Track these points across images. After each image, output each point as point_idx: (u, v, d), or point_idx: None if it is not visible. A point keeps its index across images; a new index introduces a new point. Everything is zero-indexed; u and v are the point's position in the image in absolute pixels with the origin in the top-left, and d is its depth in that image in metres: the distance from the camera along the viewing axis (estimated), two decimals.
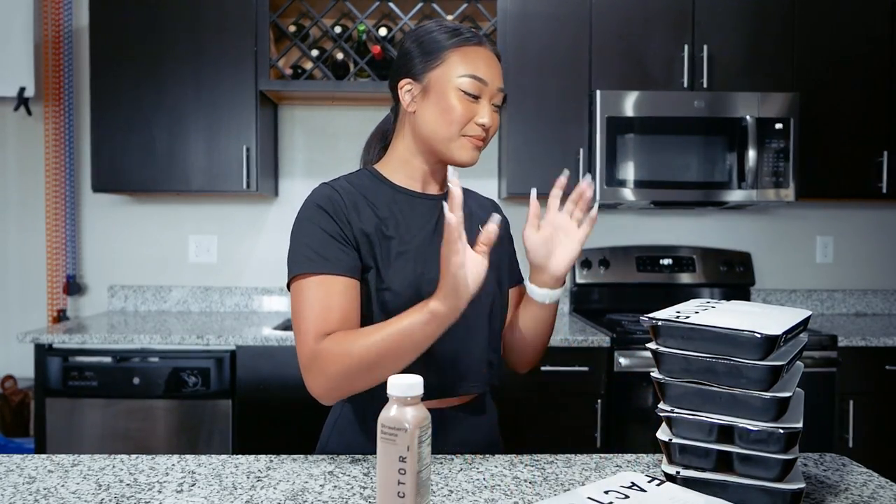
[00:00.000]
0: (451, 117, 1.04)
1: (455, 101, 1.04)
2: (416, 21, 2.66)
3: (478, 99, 1.05)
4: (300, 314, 1.00)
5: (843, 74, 2.61)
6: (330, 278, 1.01)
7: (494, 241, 0.91)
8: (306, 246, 1.03)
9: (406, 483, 0.75)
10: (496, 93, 1.07)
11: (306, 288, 1.01)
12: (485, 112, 1.05)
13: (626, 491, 0.79)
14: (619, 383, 2.25)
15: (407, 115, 1.10)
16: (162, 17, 2.51)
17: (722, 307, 0.90)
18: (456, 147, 1.06)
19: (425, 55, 1.06)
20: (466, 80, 1.04)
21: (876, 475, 0.96)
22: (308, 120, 2.91)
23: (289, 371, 2.23)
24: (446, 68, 1.04)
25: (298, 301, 1.01)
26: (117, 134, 2.52)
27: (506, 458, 1.04)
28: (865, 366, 2.34)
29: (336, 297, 1.00)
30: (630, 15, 2.56)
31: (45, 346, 2.24)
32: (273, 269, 2.90)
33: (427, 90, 1.06)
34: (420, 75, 1.06)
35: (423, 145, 1.09)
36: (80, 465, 0.99)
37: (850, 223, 3.00)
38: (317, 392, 0.99)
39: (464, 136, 1.06)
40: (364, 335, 0.95)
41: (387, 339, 0.93)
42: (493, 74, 1.06)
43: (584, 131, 2.56)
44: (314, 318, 0.99)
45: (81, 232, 2.90)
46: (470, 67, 1.04)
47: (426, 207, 1.12)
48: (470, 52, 1.05)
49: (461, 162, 1.08)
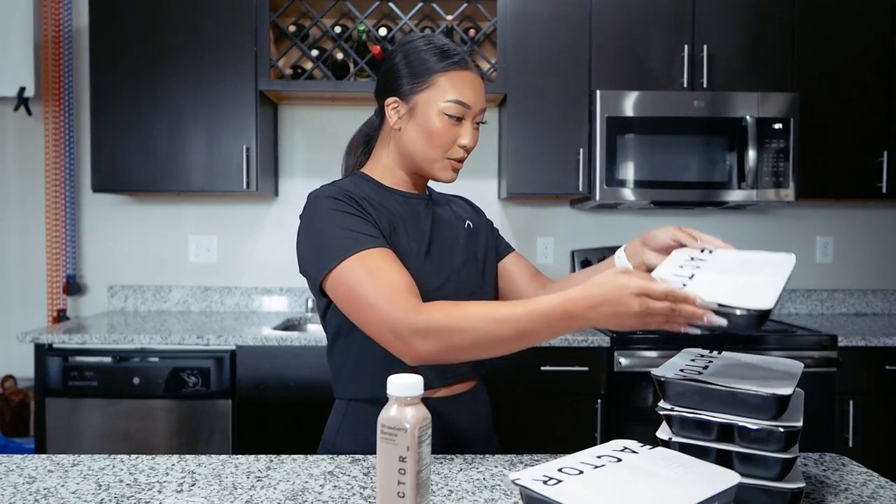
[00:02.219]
0: (436, 141, 1.08)
1: (440, 124, 1.08)
2: (416, 21, 2.66)
3: (461, 121, 1.09)
4: (368, 292, 0.96)
5: (843, 74, 2.61)
6: (376, 251, 0.99)
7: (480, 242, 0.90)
8: (340, 230, 1.01)
9: (406, 483, 0.75)
10: (478, 113, 1.11)
11: (358, 267, 0.97)
12: (467, 133, 1.09)
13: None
14: (619, 383, 2.25)
15: (393, 130, 1.13)
16: (162, 17, 2.51)
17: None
18: (438, 168, 1.11)
19: (413, 76, 1.09)
20: (452, 105, 1.07)
21: (876, 475, 0.96)
22: (308, 120, 2.91)
23: (289, 371, 2.23)
24: (433, 92, 1.08)
25: (357, 284, 0.97)
26: (117, 134, 2.52)
27: (506, 458, 1.04)
28: (865, 366, 2.34)
29: (393, 266, 0.98)
30: (630, 15, 2.56)
31: (45, 346, 2.24)
32: (273, 269, 2.90)
33: (413, 111, 1.09)
34: (407, 96, 1.10)
35: (407, 161, 1.13)
36: (80, 465, 0.99)
37: (850, 223, 3.00)
38: (418, 356, 0.94)
39: (447, 158, 1.10)
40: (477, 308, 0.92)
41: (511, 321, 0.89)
42: (476, 97, 1.10)
43: (583, 131, 2.56)
44: (389, 289, 0.95)
45: (81, 232, 2.90)
46: (456, 92, 1.08)
47: (421, 207, 1.16)
48: (456, 76, 1.08)
49: (442, 181, 1.13)
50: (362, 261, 0.98)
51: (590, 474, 0.75)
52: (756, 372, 0.88)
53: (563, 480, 0.73)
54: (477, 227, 1.24)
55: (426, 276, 1.07)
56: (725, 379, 0.84)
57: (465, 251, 1.17)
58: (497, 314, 0.90)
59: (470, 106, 1.08)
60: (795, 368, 0.90)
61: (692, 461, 0.79)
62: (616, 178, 2.48)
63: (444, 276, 1.10)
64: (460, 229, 1.20)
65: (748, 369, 0.89)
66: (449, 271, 1.11)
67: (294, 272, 3.11)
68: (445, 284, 1.09)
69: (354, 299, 0.98)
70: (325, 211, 1.04)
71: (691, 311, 0.81)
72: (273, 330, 2.38)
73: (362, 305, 0.97)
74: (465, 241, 1.18)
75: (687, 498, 0.68)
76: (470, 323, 0.91)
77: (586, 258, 2.84)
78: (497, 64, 2.56)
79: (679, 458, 0.80)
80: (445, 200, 1.26)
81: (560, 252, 2.94)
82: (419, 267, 1.07)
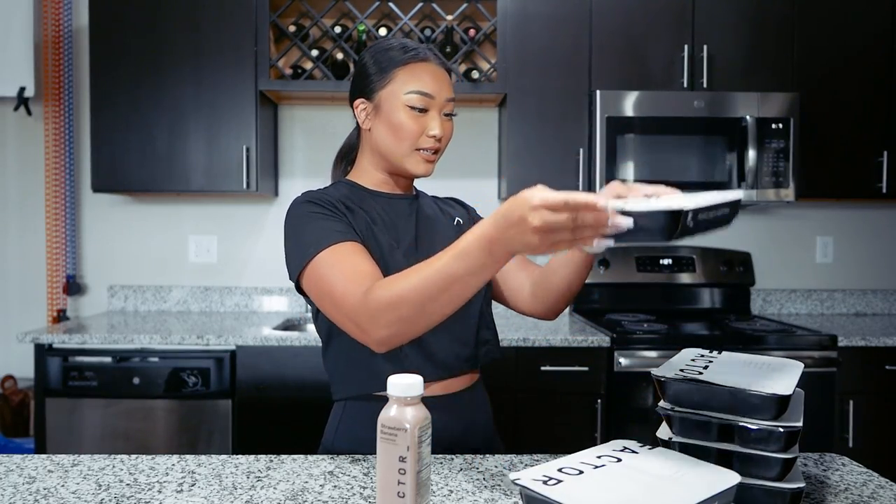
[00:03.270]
0: (402, 134, 1.09)
1: (404, 117, 1.08)
2: (416, 21, 2.66)
3: (426, 112, 1.10)
4: (331, 281, 0.97)
5: (843, 74, 2.61)
6: (347, 244, 1.01)
7: None
8: (311, 230, 1.03)
9: (406, 483, 0.75)
10: (445, 103, 1.11)
11: (325, 260, 0.99)
12: (434, 124, 1.10)
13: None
14: (619, 383, 2.25)
15: (364, 132, 1.16)
16: (162, 17, 2.51)
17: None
18: (410, 161, 1.11)
19: (376, 74, 1.11)
20: (413, 97, 1.08)
21: (876, 475, 0.96)
22: (308, 120, 2.91)
23: (289, 371, 2.23)
24: (394, 86, 1.09)
25: (323, 274, 0.99)
26: (117, 134, 2.52)
27: (506, 458, 1.04)
28: (865, 366, 2.34)
29: (360, 256, 1.00)
30: (630, 15, 2.56)
31: (45, 346, 2.24)
32: (273, 269, 2.90)
33: (378, 108, 1.11)
34: (371, 94, 1.12)
35: (382, 160, 1.14)
36: (80, 465, 0.99)
37: (850, 223, 3.00)
38: (377, 340, 0.93)
39: (417, 151, 1.10)
40: (413, 272, 0.90)
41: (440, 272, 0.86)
42: (439, 87, 1.10)
43: (584, 131, 2.56)
44: (350, 275, 0.96)
45: (81, 232, 2.90)
46: (416, 84, 1.09)
47: (404, 205, 1.17)
48: (416, 68, 1.09)
49: (416, 175, 1.13)
50: (331, 253, 0.99)
51: (590, 474, 0.75)
52: (756, 371, 0.88)
53: (563, 481, 0.73)
54: (468, 224, 1.25)
55: None
56: (726, 378, 0.84)
57: None
58: (427, 270, 0.88)
59: (433, 95, 1.09)
60: (796, 368, 0.90)
61: (692, 461, 0.79)
62: (616, 178, 2.47)
63: None
64: (449, 227, 1.20)
65: (748, 368, 0.89)
66: None
67: None
68: None
69: (322, 293, 0.99)
70: (299, 214, 1.06)
71: (594, 218, 0.74)
72: (273, 330, 2.38)
73: (329, 296, 0.98)
74: (455, 237, 1.18)
75: (687, 498, 0.68)
76: (408, 288, 0.88)
77: None
78: (497, 64, 2.56)
79: (679, 458, 0.80)
80: (432, 200, 1.27)
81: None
82: (401, 262, 1.07)
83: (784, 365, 0.92)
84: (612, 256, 2.84)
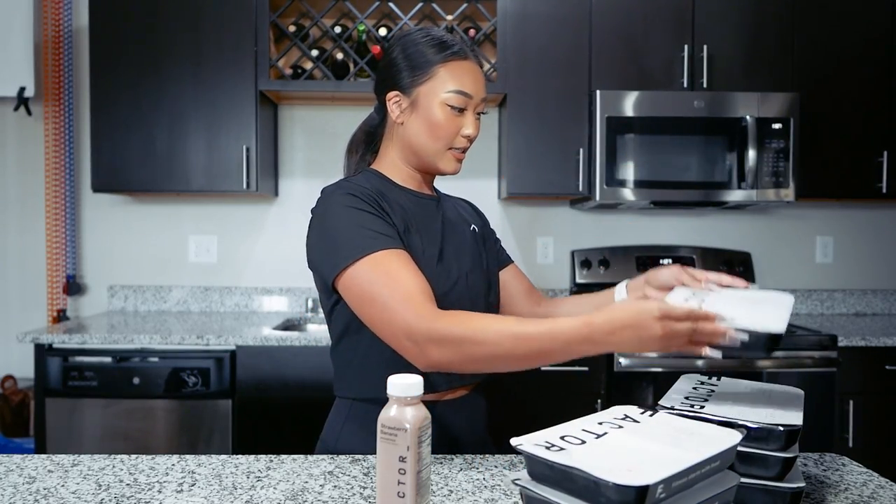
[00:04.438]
0: (439, 132, 1.08)
1: (442, 115, 1.08)
2: (416, 21, 2.66)
3: (463, 111, 1.09)
4: (383, 293, 0.95)
5: (843, 74, 2.61)
6: (392, 252, 0.99)
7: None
8: (355, 227, 1.00)
9: (406, 483, 0.74)
10: (480, 103, 1.11)
11: (373, 268, 0.96)
12: (469, 123, 1.10)
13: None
14: (619, 383, 2.25)
15: (395, 125, 1.13)
16: (162, 17, 2.51)
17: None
18: (442, 160, 1.11)
19: (413, 69, 1.09)
20: (453, 96, 1.08)
21: (876, 475, 0.96)
22: (308, 120, 2.91)
23: (289, 371, 2.23)
24: (434, 83, 1.08)
25: (371, 283, 0.96)
26: (117, 134, 2.52)
27: (506, 458, 1.04)
28: (865, 366, 2.34)
29: (409, 269, 0.98)
30: (630, 15, 2.56)
31: (45, 346, 2.24)
32: (273, 269, 2.90)
33: (415, 104, 1.09)
34: (408, 89, 1.10)
35: (412, 155, 1.13)
36: (80, 465, 0.99)
37: (850, 223, 3.00)
38: (430, 363, 0.94)
39: (450, 150, 1.10)
40: (501, 321, 0.91)
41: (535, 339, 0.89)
42: (477, 87, 1.10)
43: (584, 131, 2.56)
44: (405, 291, 0.94)
45: (81, 232, 2.90)
46: (457, 83, 1.08)
47: (431, 208, 1.16)
48: (457, 66, 1.08)
49: (446, 172, 1.13)
50: (378, 262, 0.97)
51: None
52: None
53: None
54: (482, 232, 1.25)
55: (437, 279, 1.06)
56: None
57: (473, 255, 1.16)
58: (517, 331, 0.90)
59: (471, 95, 1.08)
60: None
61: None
62: (616, 178, 2.48)
63: (453, 279, 1.09)
64: (467, 233, 1.19)
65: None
66: (457, 275, 1.10)
67: (294, 272, 3.12)
68: (455, 288, 1.09)
69: (368, 301, 0.97)
70: (340, 208, 1.03)
71: (712, 329, 0.82)
72: (273, 330, 2.38)
73: (376, 308, 0.96)
74: (472, 245, 1.18)
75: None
76: (487, 336, 0.90)
77: (586, 258, 2.84)
78: (497, 64, 2.56)
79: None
80: (452, 202, 1.25)
81: (560, 252, 2.94)
82: (431, 270, 1.06)
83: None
84: (612, 256, 2.84)
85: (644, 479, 0.63)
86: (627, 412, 0.84)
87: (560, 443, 0.73)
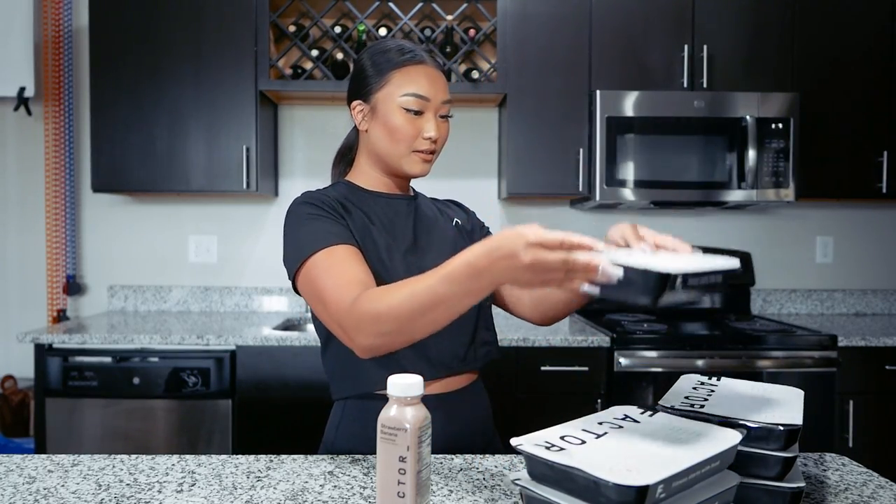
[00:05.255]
0: (398, 136, 1.10)
1: (400, 119, 1.09)
2: (416, 21, 2.66)
3: (422, 114, 1.10)
4: (323, 284, 0.98)
5: (843, 74, 2.61)
6: (340, 247, 1.02)
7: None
8: (306, 232, 1.04)
9: (406, 483, 0.75)
10: (440, 105, 1.12)
11: (320, 262, 1.00)
12: (430, 126, 1.11)
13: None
14: (619, 383, 2.25)
15: (361, 133, 1.17)
16: (162, 17, 2.51)
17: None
18: (406, 162, 1.12)
19: (373, 76, 1.12)
20: (409, 99, 1.09)
21: (876, 475, 0.96)
22: (308, 120, 2.91)
23: (289, 371, 2.23)
24: (390, 88, 1.10)
25: (316, 277, 1.00)
26: (117, 134, 2.52)
27: (506, 457, 1.04)
28: (865, 366, 2.34)
29: (351, 261, 1.01)
30: (630, 15, 2.56)
31: (45, 346, 2.24)
32: (273, 269, 2.90)
33: (374, 110, 1.12)
34: (368, 96, 1.13)
35: (378, 161, 1.16)
36: (80, 465, 0.99)
37: (850, 223, 3.00)
38: (360, 347, 0.94)
39: (414, 152, 1.12)
40: (401, 287, 0.90)
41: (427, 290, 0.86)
42: (435, 89, 1.11)
43: (584, 131, 2.56)
44: (341, 280, 0.97)
45: (81, 232, 2.90)
46: (412, 86, 1.09)
47: (402, 205, 1.18)
48: (412, 70, 1.10)
49: (413, 175, 1.14)
50: (322, 258, 1.00)
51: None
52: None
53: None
54: (468, 227, 1.26)
55: (410, 270, 1.08)
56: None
57: (454, 246, 1.17)
58: (414, 287, 0.88)
59: (428, 98, 1.10)
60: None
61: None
62: (616, 178, 2.48)
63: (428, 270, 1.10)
64: (448, 228, 1.21)
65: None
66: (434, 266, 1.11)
67: None
68: None
69: (314, 296, 1.00)
70: (296, 216, 1.07)
71: (585, 261, 0.74)
72: (273, 330, 2.38)
73: (319, 302, 0.99)
74: (454, 239, 1.19)
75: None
76: (394, 303, 0.88)
77: None
78: (497, 64, 2.56)
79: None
80: (430, 201, 1.27)
81: None
82: (400, 262, 1.09)
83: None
84: None
85: (644, 479, 0.63)
86: (627, 412, 0.84)
87: (560, 443, 0.73)
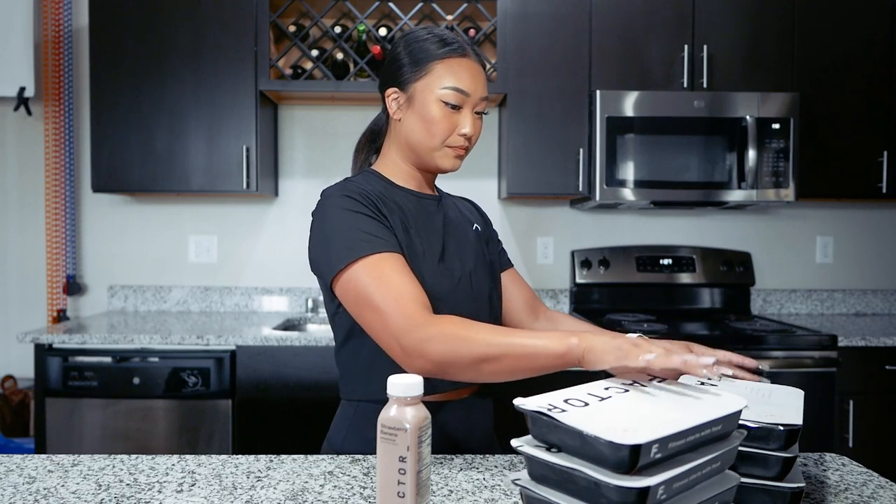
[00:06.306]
0: (434, 129, 1.07)
1: (437, 112, 1.07)
2: (416, 21, 2.66)
3: (460, 109, 1.08)
4: (377, 297, 0.95)
5: (843, 74, 2.61)
6: (389, 256, 0.99)
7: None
8: (351, 230, 1.00)
9: (406, 483, 0.74)
10: (479, 101, 1.10)
11: (370, 269, 0.97)
12: (467, 122, 1.08)
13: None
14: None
15: (394, 122, 1.13)
16: (162, 17, 2.51)
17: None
18: (439, 156, 1.10)
19: (412, 65, 1.09)
20: (449, 92, 1.06)
21: (876, 475, 0.96)
22: (308, 120, 2.91)
23: (289, 371, 2.23)
24: (430, 79, 1.07)
25: (366, 285, 0.97)
26: (117, 134, 2.52)
27: (506, 458, 1.04)
28: (865, 366, 2.34)
29: (403, 274, 0.98)
30: (630, 15, 2.56)
31: (45, 346, 2.24)
32: (273, 269, 2.90)
33: (411, 100, 1.09)
34: (405, 85, 1.09)
35: (410, 152, 1.13)
36: (80, 465, 0.99)
37: (850, 223, 3.00)
38: (417, 368, 0.94)
39: (447, 147, 1.09)
40: (490, 330, 0.91)
41: (511, 346, 0.90)
42: (475, 85, 1.08)
43: (583, 131, 2.56)
44: (398, 296, 0.95)
45: (81, 232, 2.90)
46: (453, 79, 1.07)
47: (432, 207, 1.15)
48: (454, 63, 1.07)
49: (444, 170, 1.12)
50: (373, 265, 0.97)
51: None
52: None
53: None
54: (486, 232, 1.24)
55: (440, 278, 1.06)
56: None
57: (476, 254, 1.16)
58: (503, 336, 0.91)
59: (468, 93, 1.07)
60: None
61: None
62: (616, 178, 2.48)
63: (456, 278, 1.09)
64: (470, 232, 1.19)
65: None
66: (460, 274, 1.10)
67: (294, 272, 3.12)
68: (458, 286, 1.09)
69: (362, 304, 0.97)
70: (338, 210, 1.03)
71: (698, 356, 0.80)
72: (273, 330, 2.38)
73: (370, 311, 0.96)
74: (475, 244, 1.18)
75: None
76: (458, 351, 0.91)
77: (586, 258, 2.84)
78: (497, 64, 2.56)
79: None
80: (453, 201, 1.25)
81: (560, 252, 2.94)
82: (433, 270, 1.06)
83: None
84: (612, 256, 2.84)
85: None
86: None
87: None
